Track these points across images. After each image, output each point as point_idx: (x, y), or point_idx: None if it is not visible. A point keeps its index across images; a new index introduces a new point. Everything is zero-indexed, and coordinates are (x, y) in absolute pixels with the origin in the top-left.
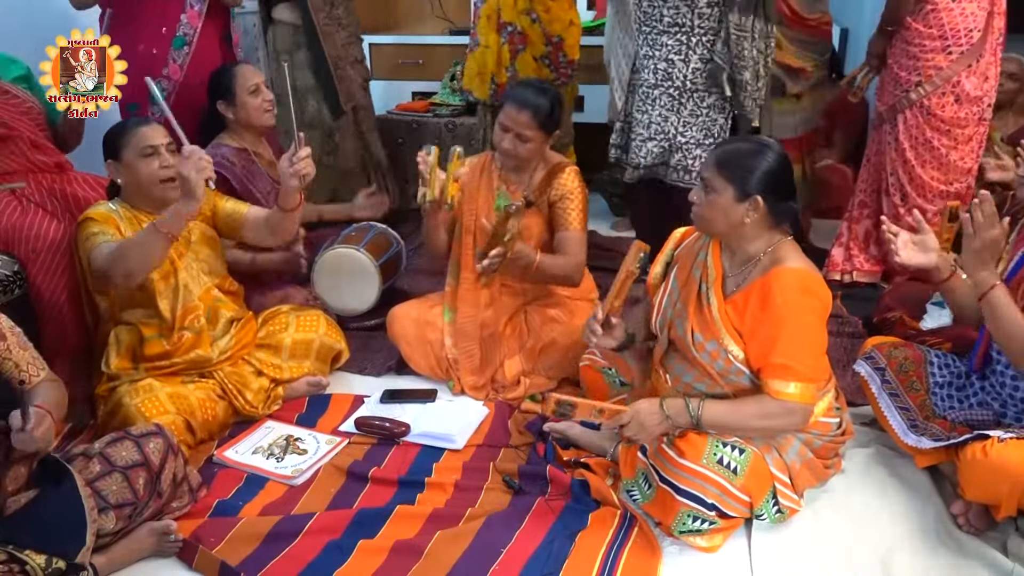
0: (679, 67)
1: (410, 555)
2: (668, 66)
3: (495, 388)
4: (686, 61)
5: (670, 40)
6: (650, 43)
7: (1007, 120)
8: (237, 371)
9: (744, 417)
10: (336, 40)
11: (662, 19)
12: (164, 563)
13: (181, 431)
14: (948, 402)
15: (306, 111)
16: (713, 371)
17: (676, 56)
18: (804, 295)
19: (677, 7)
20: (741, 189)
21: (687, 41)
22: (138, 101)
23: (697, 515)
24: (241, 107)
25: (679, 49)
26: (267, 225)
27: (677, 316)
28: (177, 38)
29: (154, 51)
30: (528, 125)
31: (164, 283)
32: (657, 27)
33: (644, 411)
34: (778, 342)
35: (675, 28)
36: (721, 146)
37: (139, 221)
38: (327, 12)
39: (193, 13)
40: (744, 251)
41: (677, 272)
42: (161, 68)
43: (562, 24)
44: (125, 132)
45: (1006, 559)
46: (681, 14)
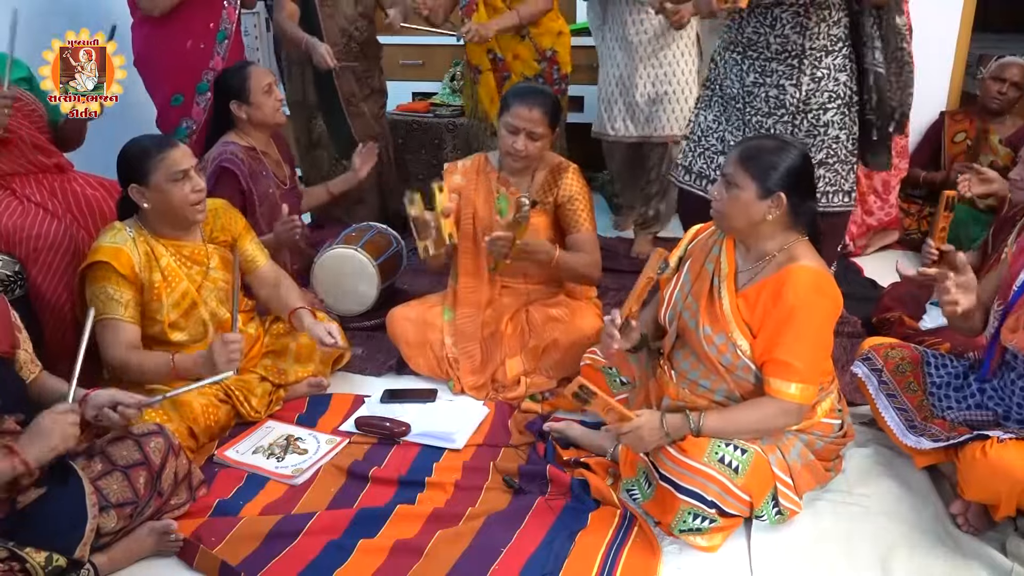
0: (791, 92)
1: (410, 555)
2: (779, 92)
3: (495, 388)
4: (797, 85)
5: (780, 66)
6: (759, 70)
7: (1006, 123)
8: (242, 378)
9: (741, 422)
10: (351, 74)
11: (769, 46)
12: (164, 563)
13: (184, 437)
14: (946, 402)
15: (313, 129)
16: (720, 366)
17: (787, 81)
18: (817, 294)
19: (787, 36)
20: (764, 186)
21: (798, 65)
22: (183, 93)
23: (697, 513)
24: (256, 107)
25: (790, 74)
26: (274, 291)
27: (687, 309)
28: (220, 32)
29: (202, 46)
30: (540, 122)
31: (185, 320)
32: (765, 53)
33: (646, 427)
34: (784, 337)
35: (784, 54)
36: (745, 143)
37: (157, 257)
38: (343, 45)
39: (231, 9)
40: (759, 248)
41: (690, 265)
42: (208, 61)
43: (552, 36)
44: (151, 155)
45: (1005, 559)
46: (791, 42)
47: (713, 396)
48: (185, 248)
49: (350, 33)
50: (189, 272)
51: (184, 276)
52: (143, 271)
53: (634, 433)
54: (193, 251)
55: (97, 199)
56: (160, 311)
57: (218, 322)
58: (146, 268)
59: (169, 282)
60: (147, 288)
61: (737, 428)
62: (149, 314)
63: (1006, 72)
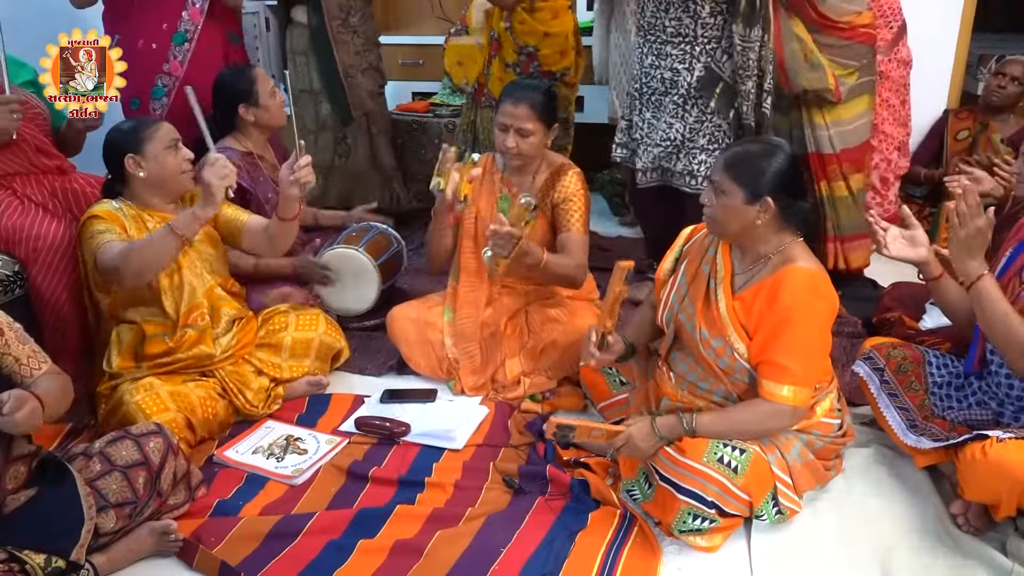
0: (684, 75)
1: (410, 555)
2: (674, 75)
3: (495, 388)
4: (690, 70)
5: (674, 50)
6: (655, 52)
7: (1008, 122)
8: (237, 370)
9: (735, 423)
10: (350, 47)
11: (665, 29)
12: (164, 563)
13: (181, 429)
14: (947, 402)
15: (319, 113)
16: (718, 368)
17: (680, 65)
18: (813, 296)
19: (680, 19)
20: (751, 191)
21: (690, 50)
22: (139, 97)
23: (697, 513)
24: (264, 109)
25: (683, 58)
26: (266, 235)
27: (684, 311)
28: (178, 34)
29: (153, 46)
30: (528, 117)
31: (168, 281)
32: (661, 37)
33: (637, 435)
34: (780, 339)
35: (678, 38)
36: (730, 148)
37: (144, 220)
38: (342, 20)
39: (195, 11)
40: (754, 251)
41: (686, 267)
42: (161, 63)
43: (536, 36)
44: (146, 127)
45: (1005, 559)
46: (684, 25)
47: (712, 397)
48: (170, 218)
49: (348, 8)
50: None
51: None
52: (132, 230)
53: (628, 444)
54: None
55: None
56: None
57: (204, 288)
58: (135, 228)
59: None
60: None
61: (731, 429)
62: None
63: (1006, 68)
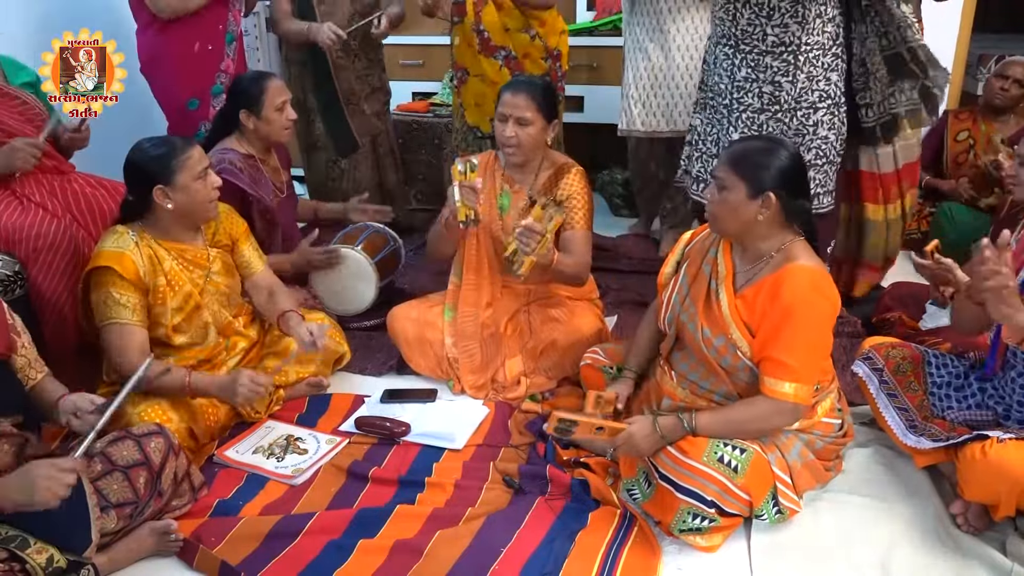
0: (787, 88)
1: (410, 555)
2: (775, 88)
3: (495, 388)
4: (793, 82)
5: (775, 61)
6: (751, 64)
7: (1008, 123)
8: None
9: (736, 421)
10: (351, 73)
11: (765, 39)
12: (165, 562)
13: (184, 438)
14: (946, 402)
15: (312, 131)
16: (720, 368)
17: (783, 78)
18: (815, 294)
19: (786, 25)
20: (753, 186)
21: (794, 60)
22: (199, 96)
23: (697, 512)
24: (265, 121)
25: (786, 70)
26: (268, 296)
27: (685, 312)
28: (228, 34)
29: (210, 47)
30: (527, 106)
31: (187, 323)
32: (759, 47)
33: (638, 434)
34: (781, 336)
35: (780, 48)
36: (734, 144)
37: (160, 260)
38: (341, 45)
39: (236, 12)
40: (756, 249)
41: (687, 268)
42: (219, 63)
43: (556, 35)
44: (175, 156)
45: (1005, 559)
46: (790, 32)
47: (713, 397)
48: (188, 252)
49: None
50: (191, 276)
51: (187, 280)
52: (147, 275)
53: (628, 443)
54: (195, 255)
55: (97, 199)
56: (164, 315)
57: (220, 325)
58: (150, 272)
59: (172, 286)
60: (152, 292)
61: (731, 427)
62: (153, 318)
63: (1008, 70)
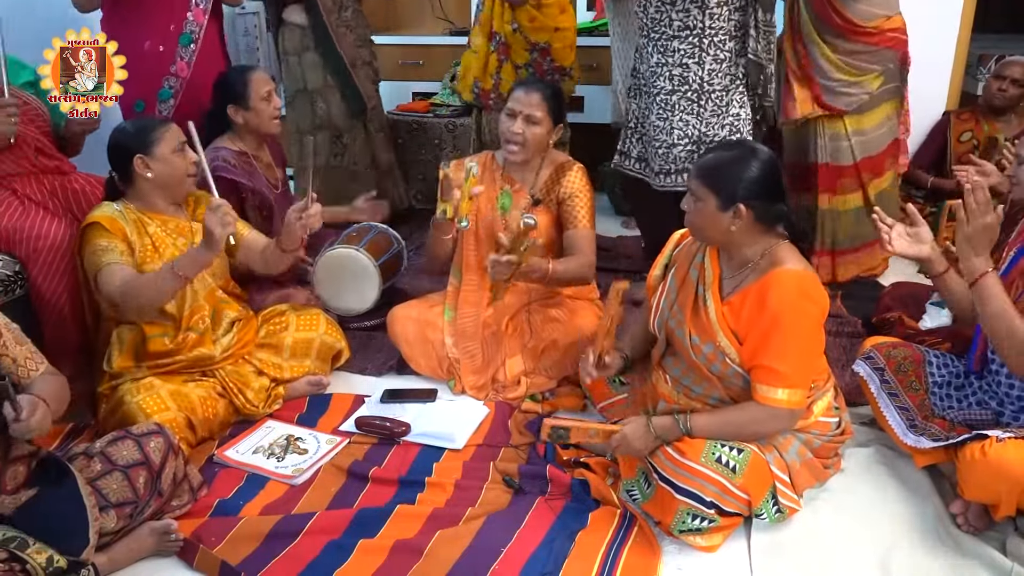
0: (694, 70)
1: (410, 555)
2: (683, 71)
3: (495, 388)
4: (700, 64)
5: (682, 45)
6: (661, 49)
7: (1011, 123)
8: (238, 370)
9: (732, 424)
10: (349, 41)
11: (671, 24)
12: (165, 562)
13: (182, 428)
14: (947, 402)
15: (316, 112)
16: (710, 374)
17: (690, 60)
18: (802, 298)
19: (687, 10)
20: (723, 198)
21: (699, 44)
22: (144, 99)
23: (696, 513)
24: (254, 113)
25: (692, 52)
26: (261, 255)
27: (673, 318)
28: (184, 35)
29: (161, 48)
30: (538, 106)
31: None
32: (667, 32)
33: (631, 435)
34: (771, 343)
35: (686, 32)
36: (704, 155)
37: (144, 224)
38: (337, 15)
39: (199, 11)
40: (740, 255)
41: (675, 273)
42: (169, 65)
43: (547, 32)
44: (155, 128)
45: (1005, 559)
46: (692, 17)
47: (707, 400)
48: (171, 222)
49: (340, 4)
50: (175, 242)
51: (171, 245)
52: (133, 236)
53: (623, 444)
54: (178, 226)
55: (97, 199)
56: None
57: (205, 291)
58: (136, 233)
59: (158, 249)
60: (138, 252)
61: (728, 429)
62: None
63: (1006, 70)
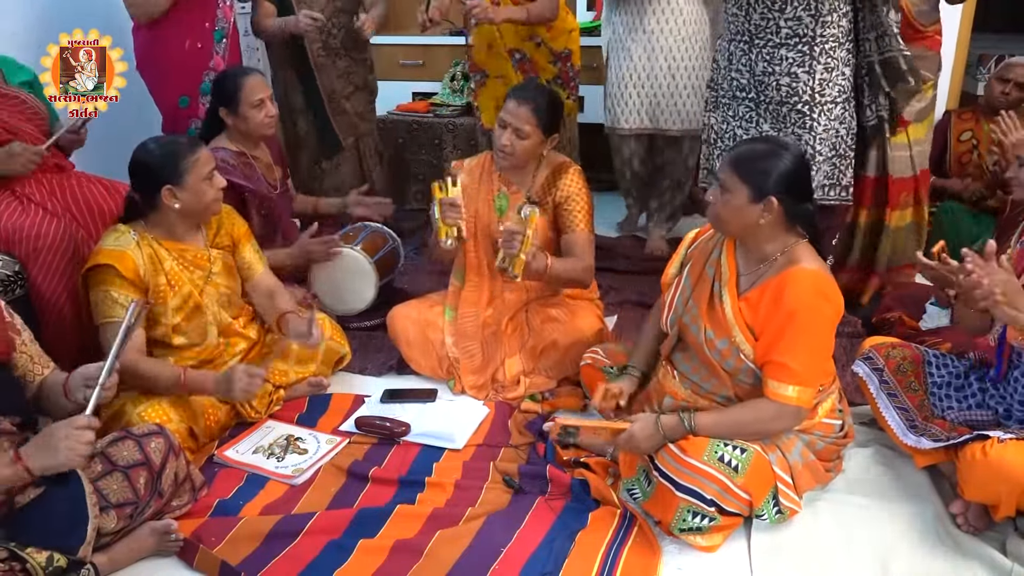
0: (804, 80)
1: (410, 555)
2: (792, 80)
3: (495, 388)
4: (811, 73)
5: (790, 53)
6: (767, 58)
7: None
8: None
9: (737, 422)
10: (332, 72)
11: (779, 32)
12: (165, 562)
13: (184, 438)
14: (946, 402)
15: (298, 132)
16: (723, 370)
17: (799, 69)
18: (818, 297)
19: (799, 18)
20: (756, 190)
21: (809, 52)
22: (188, 94)
23: (696, 511)
24: (242, 118)
25: (802, 61)
26: (268, 298)
27: (688, 313)
28: (217, 31)
29: (199, 45)
30: (527, 120)
31: (187, 323)
32: (773, 40)
33: (640, 433)
34: (784, 339)
35: (795, 39)
36: (738, 147)
37: (161, 260)
38: (322, 43)
39: (226, 7)
40: (759, 251)
41: (690, 270)
42: (208, 61)
43: (566, 37)
44: (185, 156)
45: (1005, 559)
46: (803, 25)
47: (715, 398)
48: (188, 252)
49: (328, 30)
50: (192, 276)
51: (187, 280)
52: (147, 275)
53: (630, 442)
54: (196, 255)
55: (97, 198)
56: (164, 315)
57: (220, 327)
58: (150, 271)
59: (173, 285)
60: (152, 292)
61: (732, 428)
62: (153, 317)
63: (1010, 72)
